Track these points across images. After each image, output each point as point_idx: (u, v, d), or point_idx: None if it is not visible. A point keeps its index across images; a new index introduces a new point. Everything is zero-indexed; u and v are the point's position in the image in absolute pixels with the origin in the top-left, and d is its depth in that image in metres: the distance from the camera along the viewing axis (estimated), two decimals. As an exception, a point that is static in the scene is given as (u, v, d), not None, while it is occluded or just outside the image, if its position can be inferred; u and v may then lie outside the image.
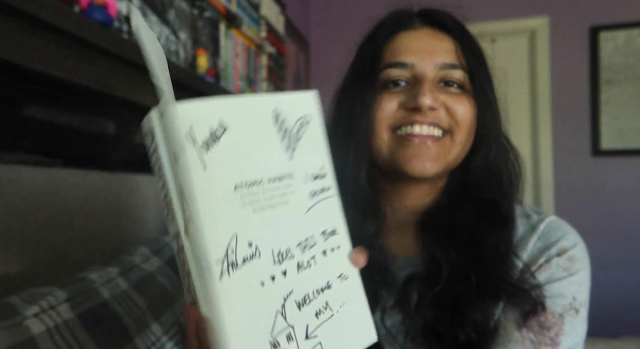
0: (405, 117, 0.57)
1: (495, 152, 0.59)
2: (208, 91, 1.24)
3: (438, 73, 0.57)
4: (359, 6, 3.01)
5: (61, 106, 0.91)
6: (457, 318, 0.52)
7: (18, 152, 0.81)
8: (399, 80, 0.58)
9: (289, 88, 2.46)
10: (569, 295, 0.56)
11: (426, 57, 0.57)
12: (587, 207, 2.61)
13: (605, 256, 2.55)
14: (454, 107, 0.57)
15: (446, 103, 0.57)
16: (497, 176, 0.60)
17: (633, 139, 2.56)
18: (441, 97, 0.56)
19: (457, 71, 0.58)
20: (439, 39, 0.59)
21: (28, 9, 0.68)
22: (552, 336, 0.53)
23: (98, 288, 0.66)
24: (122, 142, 1.09)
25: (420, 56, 0.57)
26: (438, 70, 0.57)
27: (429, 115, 0.56)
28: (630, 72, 2.58)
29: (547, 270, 0.56)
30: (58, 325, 0.57)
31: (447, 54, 0.58)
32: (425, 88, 0.55)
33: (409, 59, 0.57)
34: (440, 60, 0.57)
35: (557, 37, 2.67)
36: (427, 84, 0.56)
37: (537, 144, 2.72)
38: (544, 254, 0.57)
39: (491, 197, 0.58)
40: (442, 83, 0.58)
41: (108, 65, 0.91)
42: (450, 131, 0.57)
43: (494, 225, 0.57)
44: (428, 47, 0.58)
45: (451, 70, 0.57)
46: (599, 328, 2.31)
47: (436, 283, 0.54)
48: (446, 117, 0.57)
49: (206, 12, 1.42)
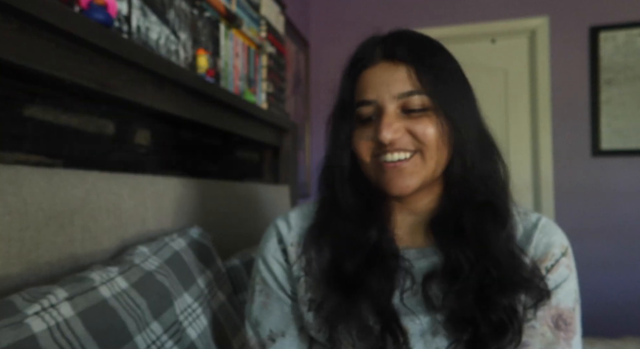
0: (377, 147, 0.64)
1: (472, 158, 0.64)
2: (208, 91, 1.25)
3: (398, 102, 0.63)
4: (359, 6, 3.01)
5: (61, 106, 0.91)
6: (486, 305, 0.59)
7: (18, 152, 0.82)
8: (368, 116, 0.65)
9: (289, 88, 2.46)
10: (574, 289, 0.66)
11: (384, 91, 0.63)
12: (587, 208, 2.61)
13: (605, 256, 2.55)
14: (415, 131, 0.62)
15: (408, 128, 0.63)
16: (483, 178, 0.65)
17: (633, 139, 2.56)
18: (403, 125, 0.63)
19: (415, 97, 0.62)
20: (394, 70, 0.64)
21: (28, 9, 0.68)
22: (572, 328, 0.64)
23: (98, 287, 0.66)
24: (122, 142, 1.09)
25: (380, 91, 0.63)
26: (397, 99, 0.63)
27: (394, 144, 0.62)
28: (630, 72, 2.58)
29: (557, 270, 0.65)
30: (59, 323, 0.57)
31: (403, 83, 0.63)
32: (383, 124, 0.61)
33: (371, 96, 0.64)
34: (396, 91, 0.63)
35: (557, 37, 2.68)
36: (386, 118, 0.62)
37: (537, 144, 2.72)
38: (550, 251, 0.65)
39: (485, 199, 0.64)
40: (405, 110, 0.63)
41: (108, 65, 0.91)
42: (419, 150, 0.63)
43: (495, 224, 0.63)
44: (385, 80, 0.64)
45: (409, 97, 0.62)
46: (599, 328, 2.32)
47: (457, 279, 0.60)
48: (411, 140, 0.63)
49: (206, 12, 1.42)
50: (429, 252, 0.66)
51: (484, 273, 0.60)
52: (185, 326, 0.80)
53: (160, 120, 1.23)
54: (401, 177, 0.63)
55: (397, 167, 0.63)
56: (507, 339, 0.59)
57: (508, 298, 0.59)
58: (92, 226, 0.80)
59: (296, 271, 0.71)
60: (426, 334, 0.62)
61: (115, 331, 0.64)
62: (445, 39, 3.36)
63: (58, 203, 0.73)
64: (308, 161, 2.83)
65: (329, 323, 0.63)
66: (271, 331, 0.70)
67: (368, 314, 0.61)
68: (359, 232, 0.66)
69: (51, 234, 0.71)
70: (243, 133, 1.57)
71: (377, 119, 0.64)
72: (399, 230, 0.69)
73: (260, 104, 1.84)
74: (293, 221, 0.74)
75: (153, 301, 0.74)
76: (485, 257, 0.61)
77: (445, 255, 0.63)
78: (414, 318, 0.62)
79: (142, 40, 1.09)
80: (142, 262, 0.79)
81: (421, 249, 0.67)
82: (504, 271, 0.60)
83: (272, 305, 0.71)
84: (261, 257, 0.74)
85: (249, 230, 1.46)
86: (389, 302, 0.62)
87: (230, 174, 1.67)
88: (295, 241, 0.72)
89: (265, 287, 0.72)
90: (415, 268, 0.65)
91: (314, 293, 0.67)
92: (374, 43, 0.68)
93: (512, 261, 0.61)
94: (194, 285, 0.88)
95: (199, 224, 1.14)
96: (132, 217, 0.91)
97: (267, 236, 0.75)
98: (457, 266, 0.61)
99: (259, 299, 0.72)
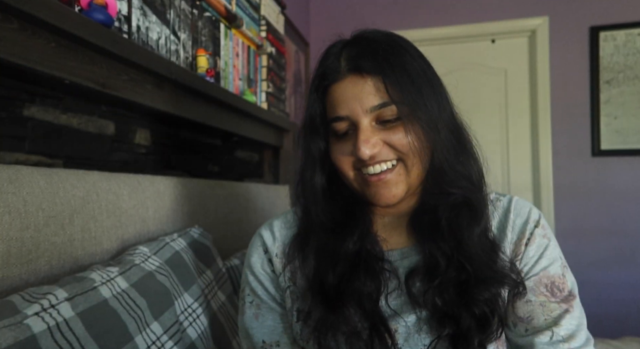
0: (358, 161, 0.64)
1: (448, 155, 0.64)
2: (208, 91, 1.24)
3: (371, 115, 0.62)
4: (359, 6, 3.01)
5: (61, 106, 0.91)
6: (466, 299, 0.60)
7: (18, 152, 0.81)
8: (343, 130, 0.64)
9: (289, 88, 2.46)
10: (558, 256, 0.67)
11: (356, 105, 0.62)
12: (587, 207, 2.61)
13: (605, 256, 2.55)
14: (393, 141, 0.62)
15: (385, 140, 0.62)
16: (460, 176, 0.65)
17: (633, 139, 2.56)
18: (380, 137, 0.62)
19: (387, 108, 0.61)
20: (362, 84, 0.62)
21: (28, 9, 0.68)
22: (568, 292, 0.65)
23: (98, 287, 0.66)
24: (122, 142, 1.09)
25: (351, 106, 0.62)
26: (370, 113, 0.62)
27: (374, 157, 0.62)
28: (630, 72, 2.58)
29: (534, 242, 0.66)
30: (59, 324, 0.57)
31: (372, 96, 0.61)
32: (360, 141, 0.61)
33: (343, 111, 0.63)
34: (368, 104, 0.61)
35: (557, 37, 2.67)
36: (362, 134, 0.61)
37: (537, 144, 2.72)
38: (525, 228, 0.67)
39: (461, 195, 0.65)
40: (379, 122, 0.63)
41: (108, 65, 0.91)
42: (400, 159, 0.63)
43: (470, 219, 0.64)
44: (355, 94, 0.62)
45: (381, 109, 0.61)
46: (599, 328, 2.31)
47: (436, 275, 0.61)
48: (390, 151, 0.63)
49: (206, 12, 1.42)
50: (411, 252, 0.67)
51: (460, 268, 0.61)
52: (185, 326, 0.80)
53: (160, 120, 1.23)
54: (387, 188, 0.63)
55: (382, 180, 0.63)
56: (490, 331, 0.60)
57: (486, 292, 0.60)
58: (92, 226, 0.80)
59: (282, 281, 0.71)
60: (412, 332, 0.62)
61: (115, 332, 0.64)
62: (445, 39, 3.35)
63: (58, 203, 0.73)
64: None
65: (317, 332, 0.62)
66: (264, 341, 0.70)
67: (356, 319, 0.61)
68: (338, 243, 0.65)
69: (51, 234, 0.71)
70: (243, 133, 1.57)
71: (353, 134, 0.63)
72: (383, 232, 0.69)
73: (260, 104, 1.84)
74: (277, 230, 0.74)
75: (153, 301, 0.74)
76: (459, 252, 0.61)
77: (424, 252, 0.64)
78: (400, 319, 0.63)
79: (142, 40, 1.09)
80: (143, 262, 0.79)
81: (403, 250, 0.68)
82: (477, 266, 0.61)
83: (264, 316, 0.71)
84: (249, 268, 0.74)
85: (249, 230, 1.46)
86: (376, 305, 0.62)
87: (230, 174, 1.67)
88: (280, 251, 0.72)
89: (256, 298, 0.72)
90: (400, 268, 0.66)
91: (301, 304, 0.67)
92: (337, 54, 0.66)
93: (486, 256, 0.62)
94: (194, 285, 0.88)
95: (199, 224, 1.14)
96: (132, 217, 0.91)
97: (252, 246, 0.75)
98: (435, 262, 0.62)
99: (250, 311, 0.72)
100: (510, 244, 0.66)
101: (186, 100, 1.20)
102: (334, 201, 0.69)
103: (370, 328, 0.61)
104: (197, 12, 1.36)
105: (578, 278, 0.70)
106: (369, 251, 0.65)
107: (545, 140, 2.68)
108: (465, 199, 0.65)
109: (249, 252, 0.75)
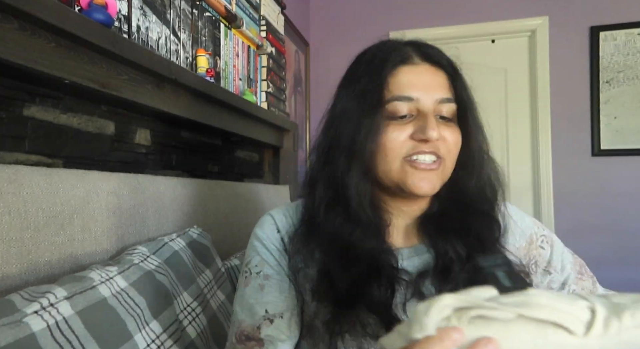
0: (414, 147, 0.64)
1: (479, 169, 0.68)
2: (208, 91, 1.25)
3: (437, 107, 0.65)
4: (359, 6, 3.01)
5: (61, 106, 0.91)
6: None
7: (18, 152, 0.82)
8: (404, 112, 0.64)
9: (289, 88, 2.46)
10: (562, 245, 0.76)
11: (428, 92, 0.64)
12: (587, 207, 2.61)
13: (605, 256, 2.55)
14: (448, 138, 0.65)
15: (442, 134, 0.64)
16: (482, 187, 0.69)
17: (633, 139, 2.56)
18: (440, 129, 0.64)
19: (451, 104, 0.65)
20: (436, 75, 0.66)
21: (28, 9, 0.69)
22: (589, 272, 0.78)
23: (97, 286, 0.66)
24: (122, 142, 1.09)
25: (423, 91, 0.64)
26: (437, 104, 0.64)
27: (431, 146, 0.63)
28: (630, 72, 2.58)
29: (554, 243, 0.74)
30: (58, 322, 0.57)
31: (443, 89, 0.65)
32: (432, 122, 0.62)
33: (413, 93, 0.64)
34: (438, 95, 0.64)
35: (557, 37, 2.68)
36: (432, 117, 0.63)
37: (537, 144, 2.72)
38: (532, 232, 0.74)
39: (482, 206, 0.68)
40: (439, 116, 0.65)
41: (108, 65, 0.91)
42: (443, 157, 0.65)
43: (489, 229, 0.67)
44: (428, 82, 0.65)
45: (447, 103, 0.65)
46: (599, 327, 2.32)
47: (450, 275, 0.62)
48: (443, 145, 0.65)
49: (206, 12, 1.43)
50: (421, 249, 0.68)
51: (474, 271, 0.61)
52: (184, 325, 0.80)
53: (160, 120, 1.23)
54: (430, 178, 0.64)
55: (429, 169, 0.64)
56: None
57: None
58: (92, 226, 0.80)
59: (295, 262, 0.69)
60: None
61: (114, 330, 0.64)
62: (445, 39, 3.36)
63: (58, 203, 0.73)
64: (308, 161, 2.83)
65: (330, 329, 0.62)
66: (267, 311, 0.67)
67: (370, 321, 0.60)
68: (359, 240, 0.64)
69: (51, 234, 0.71)
70: (243, 133, 1.57)
71: (414, 119, 0.64)
72: (396, 234, 0.70)
73: (260, 104, 1.84)
74: (290, 214, 0.73)
75: (152, 300, 0.74)
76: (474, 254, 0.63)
77: (436, 251, 0.66)
78: None
79: (142, 40, 1.10)
80: (142, 261, 0.79)
81: (413, 247, 0.69)
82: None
83: (271, 287, 0.69)
84: (259, 240, 0.72)
85: (249, 230, 1.45)
86: (389, 308, 0.61)
87: (230, 174, 1.67)
88: (292, 234, 0.70)
89: (265, 267, 0.70)
90: (409, 267, 0.66)
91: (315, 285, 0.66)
92: (402, 45, 0.68)
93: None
94: (193, 284, 0.89)
95: (199, 224, 1.14)
96: (132, 217, 0.91)
97: (263, 223, 0.74)
98: (448, 263, 0.63)
99: (256, 281, 0.70)
100: (519, 247, 0.71)
101: (186, 100, 1.20)
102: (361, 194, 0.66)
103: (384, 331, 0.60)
104: (197, 12, 1.36)
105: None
106: (385, 257, 0.64)
107: (545, 140, 2.69)
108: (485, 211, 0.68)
109: (260, 227, 0.74)
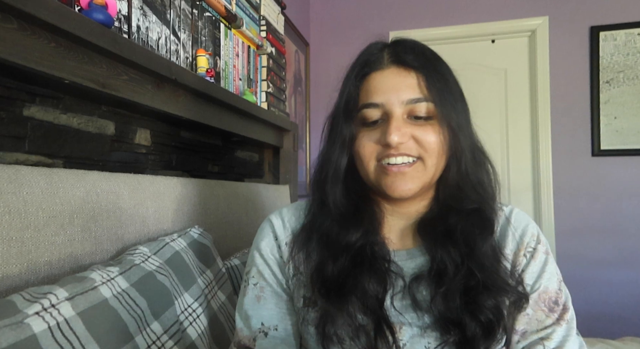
0: (383, 151, 0.65)
1: (467, 166, 0.67)
2: (208, 91, 1.24)
3: (405, 108, 0.64)
4: (359, 7, 3.01)
5: (61, 106, 0.91)
6: (472, 306, 0.61)
7: (18, 152, 0.82)
8: (373, 118, 0.66)
9: (289, 88, 2.46)
10: (555, 271, 0.69)
11: (393, 95, 0.64)
12: (587, 207, 2.61)
13: (605, 256, 2.55)
14: (421, 138, 0.64)
15: (414, 134, 0.64)
16: (475, 185, 0.68)
17: (632, 139, 2.56)
18: (409, 130, 0.64)
19: (422, 104, 0.64)
20: (404, 76, 0.65)
21: (28, 9, 0.68)
22: (562, 305, 0.67)
23: (98, 287, 0.66)
24: (122, 142, 1.09)
25: (388, 95, 0.65)
26: (405, 105, 0.64)
27: (399, 148, 0.64)
28: (630, 72, 2.58)
29: (537, 258, 0.68)
30: (59, 323, 0.57)
31: (412, 90, 0.64)
32: (392, 127, 0.63)
33: (379, 99, 0.65)
34: (405, 97, 0.64)
35: (557, 37, 2.68)
36: (394, 122, 0.63)
37: (537, 144, 2.72)
38: (523, 240, 0.69)
39: (475, 205, 0.67)
40: (411, 116, 0.65)
41: (108, 65, 0.91)
42: (421, 157, 0.65)
43: (482, 229, 0.66)
44: (394, 85, 0.65)
45: (416, 104, 0.64)
46: (599, 328, 2.32)
47: (444, 281, 0.62)
48: (415, 146, 0.65)
49: (206, 12, 1.42)
50: (416, 253, 0.68)
51: (469, 275, 0.62)
52: (185, 325, 0.80)
53: (160, 120, 1.23)
54: (403, 180, 0.65)
55: (400, 171, 0.65)
56: (495, 339, 0.61)
57: (493, 300, 0.61)
58: (92, 226, 0.80)
59: (290, 269, 0.72)
60: (416, 335, 0.63)
61: (115, 331, 0.64)
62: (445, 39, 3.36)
63: (58, 203, 0.73)
64: (308, 161, 2.83)
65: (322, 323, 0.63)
66: (263, 324, 0.70)
67: (359, 316, 0.62)
68: (342, 235, 0.67)
69: (51, 234, 0.71)
70: (243, 133, 1.57)
71: (383, 123, 0.65)
72: (390, 233, 0.71)
73: (260, 104, 1.84)
74: (287, 219, 0.75)
75: (153, 301, 0.74)
76: (470, 259, 0.63)
77: (432, 256, 0.66)
78: (404, 319, 0.63)
79: (142, 40, 1.09)
80: (143, 262, 0.79)
81: (409, 250, 0.69)
82: (487, 274, 0.62)
83: (267, 300, 0.72)
84: (258, 251, 0.75)
85: (249, 230, 1.46)
86: (381, 305, 0.63)
87: (230, 174, 1.67)
88: (289, 240, 0.73)
89: (261, 280, 0.73)
90: (405, 269, 0.66)
91: (307, 291, 0.68)
92: (381, 47, 0.69)
93: (496, 265, 0.64)
94: (194, 285, 0.88)
95: (199, 224, 1.14)
96: (132, 217, 0.91)
97: (262, 231, 0.76)
98: (443, 268, 0.63)
99: (253, 292, 0.73)
100: (510, 254, 0.69)
101: (186, 100, 1.20)
102: (349, 193, 0.70)
103: (374, 327, 0.61)
104: (197, 12, 1.36)
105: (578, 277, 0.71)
106: (376, 250, 0.66)
107: (545, 140, 2.69)
108: (478, 210, 0.67)
109: (259, 236, 0.76)
